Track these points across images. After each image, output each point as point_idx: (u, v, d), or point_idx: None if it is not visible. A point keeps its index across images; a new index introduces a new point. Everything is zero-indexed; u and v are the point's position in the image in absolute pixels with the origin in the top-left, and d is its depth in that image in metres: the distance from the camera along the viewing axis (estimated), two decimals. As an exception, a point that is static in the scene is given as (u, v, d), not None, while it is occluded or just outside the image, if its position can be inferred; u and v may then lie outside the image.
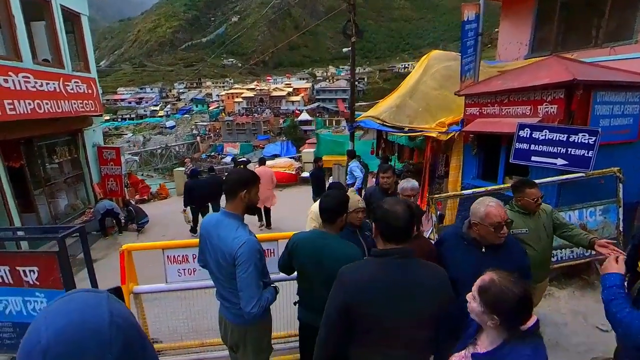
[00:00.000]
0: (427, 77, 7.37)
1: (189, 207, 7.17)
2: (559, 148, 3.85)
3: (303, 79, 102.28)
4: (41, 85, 6.29)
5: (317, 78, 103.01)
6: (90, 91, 7.77)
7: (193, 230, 7.21)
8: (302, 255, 2.01)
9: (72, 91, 7.12)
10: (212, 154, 51.02)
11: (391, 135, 8.22)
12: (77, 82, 7.31)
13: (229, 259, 1.78)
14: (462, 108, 5.53)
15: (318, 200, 2.17)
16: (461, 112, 5.54)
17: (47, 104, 6.38)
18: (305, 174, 12.58)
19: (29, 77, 6.01)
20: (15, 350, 1.53)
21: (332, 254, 1.87)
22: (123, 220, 7.84)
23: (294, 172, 12.41)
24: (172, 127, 71.54)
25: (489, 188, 3.91)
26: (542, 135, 3.94)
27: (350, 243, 2.02)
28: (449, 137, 5.30)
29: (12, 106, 5.65)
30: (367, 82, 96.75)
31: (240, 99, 77.76)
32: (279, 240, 2.83)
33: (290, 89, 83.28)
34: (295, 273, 2.19)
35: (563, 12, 6.71)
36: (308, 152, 13.55)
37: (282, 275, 2.43)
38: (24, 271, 2.32)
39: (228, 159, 44.91)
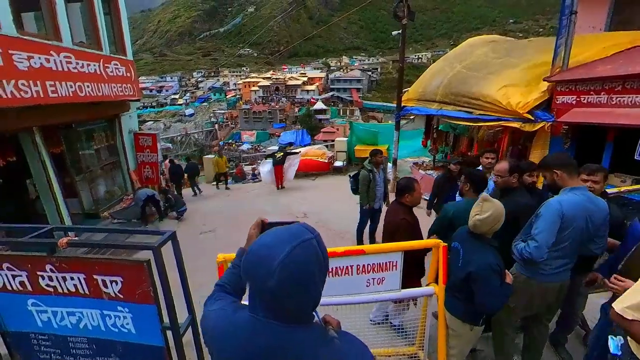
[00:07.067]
0: (479, 49, 6.80)
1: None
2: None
3: (317, 69, 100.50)
4: (82, 67, 5.93)
5: (331, 68, 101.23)
6: (129, 74, 7.40)
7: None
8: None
9: (112, 74, 6.76)
10: (230, 141, 50.99)
11: (443, 124, 7.54)
12: (117, 65, 6.94)
13: None
14: (531, 73, 4.95)
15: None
16: (529, 79, 4.97)
17: (88, 86, 6.04)
18: (338, 164, 12.06)
19: (70, 57, 5.65)
20: None
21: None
22: (163, 208, 7.59)
23: (326, 161, 11.93)
24: (191, 115, 72.06)
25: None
26: (678, 128, 3.32)
27: None
28: (537, 127, 4.67)
29: (54, 88, 5.32)
30: (381, 72, 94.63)
31: (256, 88, 77.12)
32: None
33: (305, 78, 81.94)
34: None
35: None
36: (341, 140, 12.91)
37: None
38: (104, 281, 1.92)
39: (245, 147, 44.87)
